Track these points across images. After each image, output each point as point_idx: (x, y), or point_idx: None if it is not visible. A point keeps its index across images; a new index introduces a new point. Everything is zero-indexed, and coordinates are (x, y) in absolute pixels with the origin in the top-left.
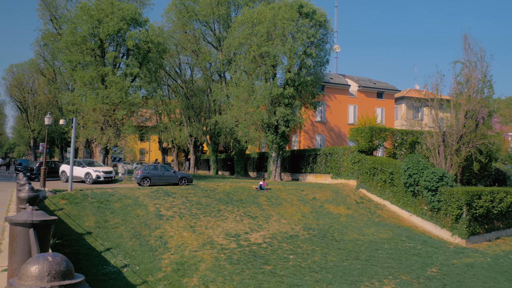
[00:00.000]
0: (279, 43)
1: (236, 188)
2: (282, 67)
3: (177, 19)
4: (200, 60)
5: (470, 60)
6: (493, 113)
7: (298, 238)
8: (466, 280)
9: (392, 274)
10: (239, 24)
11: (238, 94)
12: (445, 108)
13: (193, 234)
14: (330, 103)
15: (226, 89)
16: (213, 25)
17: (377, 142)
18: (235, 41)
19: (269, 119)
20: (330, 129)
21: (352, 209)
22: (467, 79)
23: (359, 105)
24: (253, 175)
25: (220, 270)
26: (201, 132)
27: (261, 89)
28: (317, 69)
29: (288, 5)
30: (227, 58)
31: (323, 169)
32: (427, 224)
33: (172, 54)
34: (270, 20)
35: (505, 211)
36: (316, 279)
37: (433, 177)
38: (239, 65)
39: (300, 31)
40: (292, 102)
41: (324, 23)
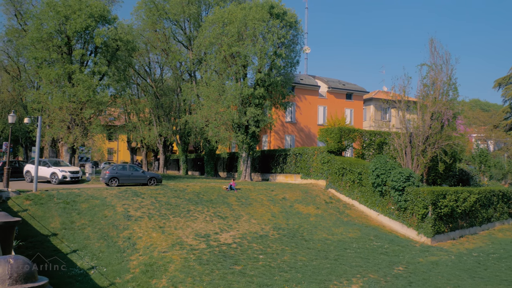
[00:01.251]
0: (249, 43)
1: (206, 188)
2: (253, 68)
3: (146, 17)
4: (170, 59)
5: (436, 63)
6: (457, 115)
7: (268, 238)
8: (431, 277)
9: (360, 272)
10: (210, 23)
11: (208, 94)
12: (412, 109)
13: (162, 234)
14: (300, 103)
15: (197, 88)
16: (183, 24)
17: (346, 142)
18: (205, 41)
19: (240, 119)
20: (300, 130)
21: (321, 209)
22: (433, 82)
23: (328, 106)
24: (223, 175)
25: (190, 270)
26: (170, 131)
27: (231, 89)
28: (287, 70)
29: (259, 5)
30: (197, 58)
31: (293, 169)
32: (394, 223)
33: (142, 52)
34: (241, 20)
35: (468, 210)
36: (285, 279)
37: (400, 177)
38: (210, 65)
39: (270, 31)
40: (262, 103)
41: (295, 24)
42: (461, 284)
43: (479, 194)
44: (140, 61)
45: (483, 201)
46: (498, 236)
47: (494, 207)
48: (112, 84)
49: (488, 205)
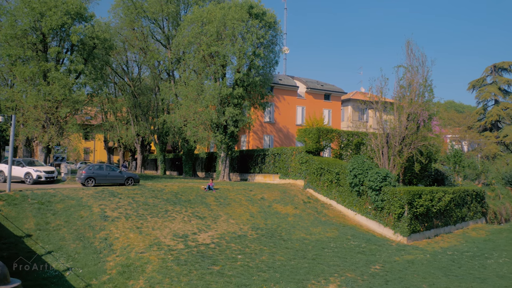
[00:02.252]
0: (228, 43)
1: (184, 189)
2: (232, 67)
3: (124, 15)
4: (148, 58)
5: (412, 65)
6: (433, 116)
7: (246, 238)
8: (407, 276)
9: (337, 272)
10: (189, 22)
11: (187, 93)
12: (389, 110)
13: (140, 235)
14: (279, 104)
15: (175, 88)
16: (162, 23)
17: (324, 143)
18: (184, 40)
19: (218, 119)
20: (279, 130)
21: (299, 209)
22: (409, 83)
23: (307, 106)
24: (201, 175)
25: (167, 271)
26: (148, 131)
27: (210, 89)
28: (266, 70)
29: (238, 5)
30: (176, 57)
31: (271, 169)
32: (371, 223)
33: (119, 51)
34: (220, 19)
35: (443, 210)
36: (264, 279)
37: (377, 177)
38: (188, 64)
39: (249, 31)
40: (241, 103)
41: (274, 25)
42: (436, 282)
43: (454, 194)
44: (117, 59)
45: (457, 201)
46: (471, 235)
47: (468, 207)
48: (88, 83)
49: (462, 204)
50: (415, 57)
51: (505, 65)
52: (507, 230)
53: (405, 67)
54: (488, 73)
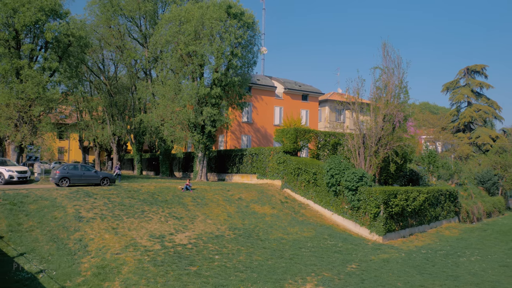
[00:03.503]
0: (206, 42)
1: (161, 189)
2: (210, 67)
3: (100, 12)
4: (125, 57)
5: (388, 67)
6: (408, 117)
7: (223, 238)
8: (383, 274)
9: (314, 271)
10: (166, 21)
11: (164, 93)
12: (365, 111)
13: (116, 236)
14: (256, 104)
15: (152, 87)
16: (139, 21)
17: (302, 143)
18: (161, 39)
19: (196, 119)
20: (257, 130)
21: (277, 209)
22: (385, 85)
23: (284, 106)
24: (178, 175)
25: (144, 272)
26: (125, 130)
27: (188, 88)
28: (244, 70)
29: (216, 5)
30: (153, 56)
31: (249, 169)
32: (348, 222)
33: (95, 49)
34: (198, 19)
35: (418, 209)
36: (241, 279)
37: (353, 177)
38: (166, 63)
39: (228, 31)
40: (219, 102)
41: (252, 25)
42: (410, 280)
43: (428, 194)
44: (93, 57)
45: (431, 200)
46: (445, 234)
47: (442, 206)
48: (63, 81)
49: (436, 204)
50: (391, 59)
51: (478, 68)
52: (479, 229)
53: (381, 69)
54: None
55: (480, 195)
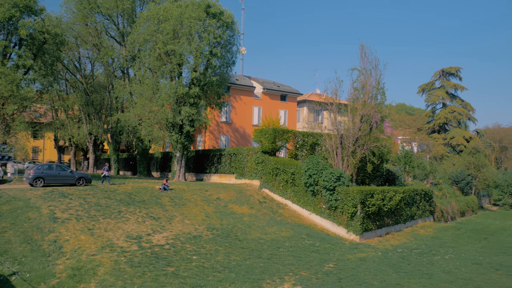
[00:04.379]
0: (185, 41)
1: (138, 189)
2: (188, 66)
3: (77, 10)
4: (102, 55)
5: (366, 68)
6: (385, 118)
7: (201, 239)
8: (360, 273)
9: (292, 271)
10: (145, 20)
11: (142, 92)
12: (343, 112)
13: (91, 237)
14: (235, 104)
15: (130, 86)
16: (116, 19)
17: (280, 143)
18: (139, 37)
19: (174, 119)
20: (235, 130)
21: (255, 209)
22: (363, 86)
23: (263, 106)
24: (156, 175)
25: (120, 273)
26: (101, 130)
27: (166, 88)
28: (223, 70)
29: (195, 4)
30: (131, 54)
31: (227, 169)
32: (325, 222)
33: (71, 47)
34: (177, 18)
35: (394, 209)
36: (219, 279)
37: (331, 177)
38: (144, 62)
39: (207, 31)
40: (197, 102)
41: (231, 25)
42: (386, 279)
43: (404, 193)
44: (69, 55)
45: (407, 200)
46: (420, 233)
47: (417, 206)
48: (38, 79)
49: (411, 203)
50: (368, 61)
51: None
52: (453, 227)
53: (359, 70)
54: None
55: (454, 194)
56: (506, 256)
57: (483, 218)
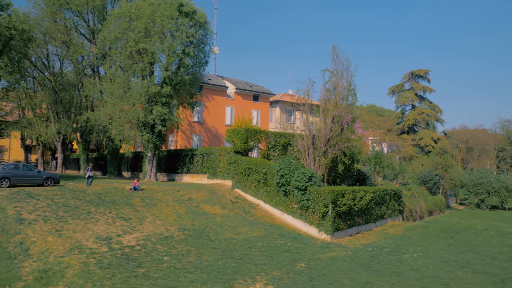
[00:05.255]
0: (157, 40)
1: (108, 189)
2: (160, 65)
3: (45, 6)
4: (71, 52)
5: (338, 70)
6: (356, 119)
7: (173, 239)
8: (330, 272)
9: (264, 270)
10: (116, 17)
11: (112, 91)
12: (315, 112)
13: (59, 238)
14: (208, 103)
15: (100, 84)
16: (86, 16)
17: (253, 143)
18: (110, 35)
19: (145, 118)
20: (208, 130)
21: (227, 209)
22: (335, 87)
23: (236, 106)
24: (127, 175)
25: (89, 275)
26: (70, 129)
27: (137, 87)
28: (196, 69)
29: (168, 2)
30: (101, 52)
31: (199, 170)
32: (297, 222)
33: (39, 43)
34: (149, 16)
35: (364, 208)
36: (190, 280)
37: (303, 177)
38: (115, 60)
39: (179, 30)
40: (169, 101)
41: (204, 24)
42: (357, 278)
43: (374, 193)
44: (37, 52)
45: (377, 200)
46: (389, 232)
47: (387, 205)
48: (4, 76)
49: (381, 203)
50: (340, 62)
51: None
52: (421, 226)
53: (331, 71)
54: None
55: (422, 194)
56: (471, 254)
57: (450, 217)
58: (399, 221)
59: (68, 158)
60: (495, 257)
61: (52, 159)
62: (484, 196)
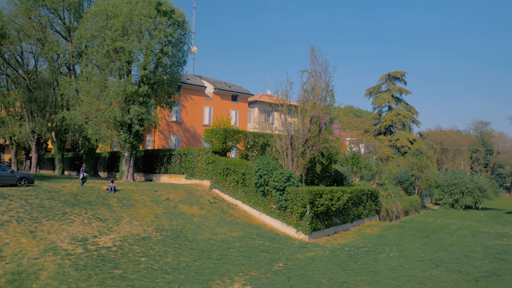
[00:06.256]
0: (135, 39)
1: (84, 189)
2: (138, 64)
3: (20, 2)
4: (46, 50)
5: (316, 71)
6: (334, 119)
7: (150, 240)
8: (308, 272)
9: (242, 271)
10: (92, 15)
11: (89, 90)
12: (293, 113)
13: (34, 240)
14: (186, 103)
15: (76, 83)
16: (62, 13)
17: (231, 143)
18: (87, 33)
19: (123, 117)
20: (186, 130)
21: (205, 209)
22: (313, 88)
23: (214, 107)
24: (103, 176)
25: (64, 277)
26: (45, 128)
27: (114, 86)
28: (174, 69)
29: (146, 1)
30: (77, 50)
31: (177, 170)
32: (275, 222)
33: (13, 40)
34: (127, 14)
35: (342, 208)
36: (168, 281)
37: (281, 178)
38: (91, 59)
39: (157, 29)
40: (147, 101)
41: (183, 24)
42: (334, 277)
43: (351, 193)
44: (10, 50)
45: (354, 200)
46: (366, 232)
47: (364, 205)
48: None
49: (359, 203)
50: (318, 63)
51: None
52: (397, 226)
53: (309, 72)
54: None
55: (398, 194)
56: (446, 253)
57: (425, 217)
58: (376, 221)
59: (43, 158)
60: (468, 256)
61: (26, 158)
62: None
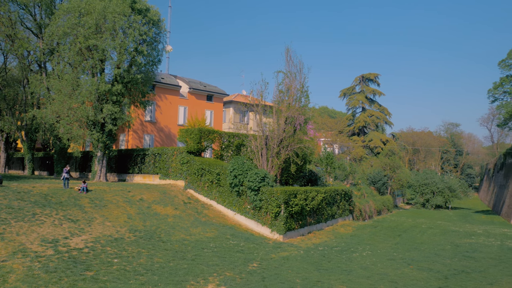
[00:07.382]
0: (108, 37)
1: (55, 190)
2: (111, 63)
3: None
4: (16, 47)
5: (291, 71)
6: (308, 120)
7: (123, 241)
8: (283, 272)
9: (216, 271)
10: (65, 12)
11: (60, 88)
12: (269, 113)
13: (1, 242)
14: (160, 103)
15: (47, 81)
16: (33, 10)
17: (206, 143)
18: (59, 30)
19: (95, 116)
20: (160, 129)
21: (179, 210)
22: (288, 88)
23: (189, 106)
24: (75, 176)
25: (34, 280)
26: (14, 127)
27: (87, 84)
28: (148, 68)
29: None
30: (49, 48)
31: (151, 170)
32: (250, 222)
33: None
34: (100, 12)
35: (316, 208)
36: (141, 282)
37: (256, 178)
38: (63, 56)
39: (132, 27)
40: (120, 100)
41: (158, 22)
42: (308, 277)
43: (325, 194)
44: None
45: (328, 200)
46: (340, 231)
47: (338, 205)
48: None
49: (332, 203)
50: (293, 64)
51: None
52: (370, 225)
53: (284, 73)
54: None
55: (371, 194)
56: (417, 251)
57: (397, 216)
58: (349, 221)
59: (12, 158)
60: (438, 254)
61: None
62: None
